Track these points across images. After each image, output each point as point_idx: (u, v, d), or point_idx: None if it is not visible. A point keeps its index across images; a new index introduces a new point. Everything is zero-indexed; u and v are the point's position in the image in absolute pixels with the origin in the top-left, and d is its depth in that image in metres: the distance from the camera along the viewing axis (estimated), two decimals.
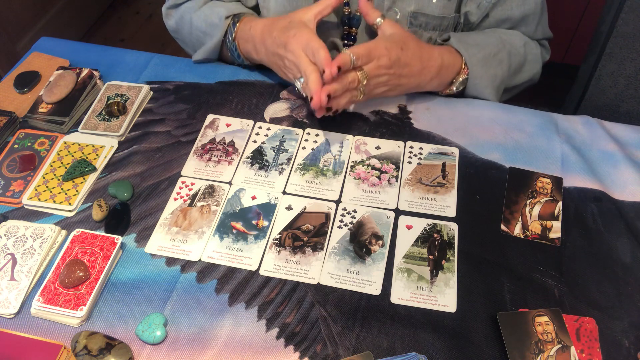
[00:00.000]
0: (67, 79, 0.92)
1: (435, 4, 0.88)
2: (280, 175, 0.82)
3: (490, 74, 0.90)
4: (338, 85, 0.78)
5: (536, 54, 0.97)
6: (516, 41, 0.93)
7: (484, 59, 0.89)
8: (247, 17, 0.94)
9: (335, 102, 0.80)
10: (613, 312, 0.69)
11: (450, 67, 0.88)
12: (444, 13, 0.89)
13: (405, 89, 0.87)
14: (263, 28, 0.88)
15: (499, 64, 0.91)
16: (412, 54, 0.84)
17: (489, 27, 0.95)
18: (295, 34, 0.81)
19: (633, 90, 1.13)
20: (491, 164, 0.84)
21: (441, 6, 0.88)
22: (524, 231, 0.76)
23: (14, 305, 0.69)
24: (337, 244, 0.75)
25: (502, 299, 0.70)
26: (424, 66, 0.85)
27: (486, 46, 0.90)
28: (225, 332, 0.67)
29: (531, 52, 0.96)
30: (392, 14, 0.89)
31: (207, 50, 0.96)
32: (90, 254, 0.72)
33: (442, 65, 0.87)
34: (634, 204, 0.79)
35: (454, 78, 0.90)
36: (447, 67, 0.88)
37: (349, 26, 0.92)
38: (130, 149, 0.86)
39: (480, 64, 0.89)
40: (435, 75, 0.87)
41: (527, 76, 0.98)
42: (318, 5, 0.84)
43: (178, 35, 1.03)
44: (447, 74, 0.89)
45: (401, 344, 0.66)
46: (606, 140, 0.86)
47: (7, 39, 2.02)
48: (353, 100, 0.83)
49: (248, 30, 0.90)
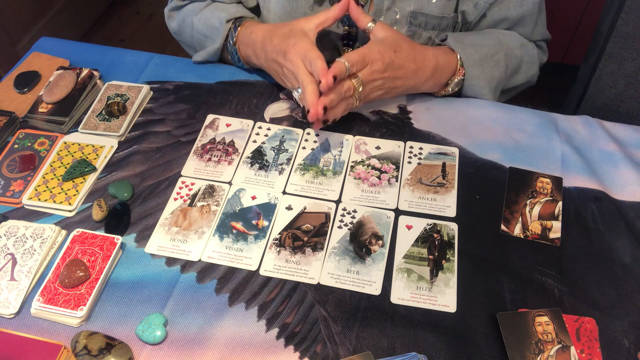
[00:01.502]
0: (67, 79, 0.92)
1: (434, 4, 0.88)
2: (280, 175, 0.82)
3: (487, 75, 0.90)
4: (334, 96, 0.78)
5: (533, 56, 0.97)
6: (513, 42, 0.93)
7: (481, 59, 0.89)
8: (248, 21, 0.94)
9: (331, 112, 0.81)
10: (613, 312, 0.69)
11: (445, 68, 0.88)
12: (443, 13, 0.89)
13: (400, 91, 0.88)
14: (264, 34, 0.88)
15: (496, 65, 0.91)
16: (405, 55, 0.83)
17: (486, 27, 0.95)
18: (295, 43, 0.81)
19: (633, 90, 1.13)
20: (491, 164, 0.84)
21: (440, 6, 0.88)
22: (524, 231, 0.76)
23: (14, 305, 0.69)
24: (337, 244, 0.75)
25: (502, 299, 0.70)
26: (418, 67, 0.85)
27: (483, 47, 0.90)
28: (225, 332, 0.67)
29: (528, 54, 0.95)
30: (392, 14, 0.89)
31: (208, 53, 0.96)
32: (90, 254, 0.72)
33: (437, 66, 0.87)
34: (634, 204, 0.79)
35: (449, 79, 0.90)
36: (442, 68, 0.88)
37: (349, 26, 0.92)
38: (130, 149, 0.87)
39: (477, 64, 0.89)
40: (430, 76, 0.87)
41: (524, 78, 0.97)
42: (320, 16, 0.85)
43: (180, 37, 1.03)
44: (442, 74, 0.89)
45: (401, 344, 0.66)
46: (606, 140, 0.86)
47: (7, 39, 2.02)
48: (349, 108, 0.84)
49: (249, 34, 0.91)
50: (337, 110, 0.82)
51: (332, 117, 0.82)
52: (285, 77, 0.86)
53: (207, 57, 0.97)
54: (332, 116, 0.82)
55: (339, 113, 0.83)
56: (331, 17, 0.85)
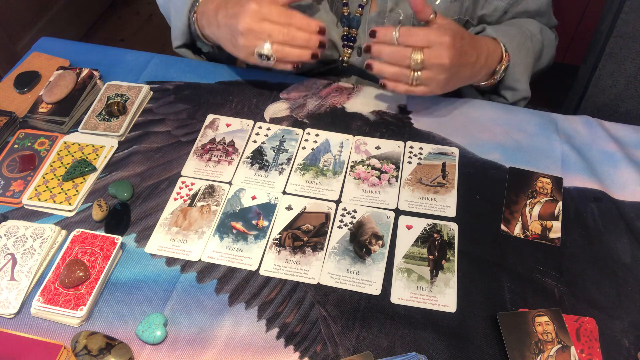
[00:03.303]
0: (67, 79, 0.92)
1: (437, 6, 0.88)
2: (280, 175, 0.82)
3: (524, 62, 0.90)
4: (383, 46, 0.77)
5: (551, 39, 1.00)
6: (533, 28, 0.95)
7: (518, 47, 0.89)
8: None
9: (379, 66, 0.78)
10: (613, 312, 0.69)
11: (494, 55, 0.87)
12: (446, 15, 0.89)
13: (456, 84, 0.85)
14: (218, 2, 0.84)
15: (527, 52, 0.91)
16: (468, 43, 0.81)
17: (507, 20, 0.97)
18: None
19: (633, 90, 1.14)
20: (491, 164, 0.84)
21: (444, 8, 0.88)
22: (524, 231, 0.76)
23: (14, 305, 0.69)
24: (337, 244, 0.75)
25: (502, 299, 0.70)
26: (478, 54, 0.83)
27: (515, 35, 0.90)
28: (225, 332, 0.67)
29: (547, 37, 0.98)
30: (395, 15, 0.89)
31: (176, 28, 0.93)
32: (90, 254, 0.72)
33: (489, 53, 0.85)
34: (634, 204, 0.79)
35: (497, 66, 0.88)
36: (492, 55, 0.86)
37: (348, 27, 0.92)
38: (130, 149, 0.87)
39: (516, 51, 0.88)
40: (484, 63, 0.85)
41: (546, 61, 0.99)
42: None
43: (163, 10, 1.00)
44: (492, 62, 0.87)
45: (401, 344, 0.66)
46: (606, 140, 0.86)
47: (7, 39, 2.02)
48: (403, 79, 0.78)
49: (206, 3, 0.87)
50: (386, 68, 0.78)
51: (378, 69, 0.79)
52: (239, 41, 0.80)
53: (179, 34, 0.94)
54: (378, 69, 0.79)
55: (388, 72, 0.78)
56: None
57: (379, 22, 0.88)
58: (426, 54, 0.76)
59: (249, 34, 0.79)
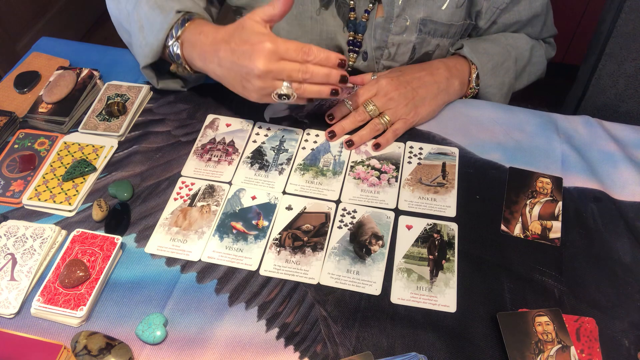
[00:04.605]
0: (67, 79, 0.92)
1: (443, 11, 0.88)
2: (280, 175, 0.82)
3: (498, 82, 0.93)
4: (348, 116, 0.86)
5: (541, 56, 1.00)
6: (522, 45, 0.95)
7: (493, 68, 0.91)
8: (198, 19, 0.82)
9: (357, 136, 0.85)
10: (613, 312, 0.69)
11: (457, 65, 0.90)
12: (452, 20, 0.89)
13: (430, 98, 0.87)
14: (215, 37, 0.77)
15: (506, 72, 0.93)
16: (411, 69, 0.88)
17: (497, 32, 0.96)
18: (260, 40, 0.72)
19: (633, 90, 1.14)
20: (491, 164, 0.84)
21: (450, 13, 0.88)
22: (524, 231, 0.76)
23: (14, 305, 0.69)
24: (337, 244, 0.75)
25: (502, 299, 0.70)
26: (431, 72, 0.87)
27: (494, 55, 0.92)
28: (225, 332, 0.67)
29: (536, 55, 0.98)
30: (402, 21, 0.88)
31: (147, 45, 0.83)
32: (90, 254, 0.72)
33: (448, 65, 0.89)
34: (634, 204, 0.79)
35: (469, 76, 0.91)
36: (454, 66, 0.90)
37: (354, 32, 0.92)
38: (130, 149, 0.86)
39: (490, 73, 0.91)
40: (449, 74, 0.88)
41: (533, 78, 1.01)
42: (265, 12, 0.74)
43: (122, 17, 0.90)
44: (459, 72, 0.90)
45: (401, 344, 0.66)
46: (606, 140, 0.86)
47: (7, 39, 2.02)
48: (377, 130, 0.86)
49: (197, 35, 0.79)
50: (362, 133, 0.85)
51: (358, 140, 0.85)
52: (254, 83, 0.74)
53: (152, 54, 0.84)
54: (358, 139, 0.85)
55: (365, 136, 0.85)
56: (277, 14, 0.74)
57: (385, 28, 0.88)
58: (374, 99, 0.85)
59: (266, 76, 0.73)
